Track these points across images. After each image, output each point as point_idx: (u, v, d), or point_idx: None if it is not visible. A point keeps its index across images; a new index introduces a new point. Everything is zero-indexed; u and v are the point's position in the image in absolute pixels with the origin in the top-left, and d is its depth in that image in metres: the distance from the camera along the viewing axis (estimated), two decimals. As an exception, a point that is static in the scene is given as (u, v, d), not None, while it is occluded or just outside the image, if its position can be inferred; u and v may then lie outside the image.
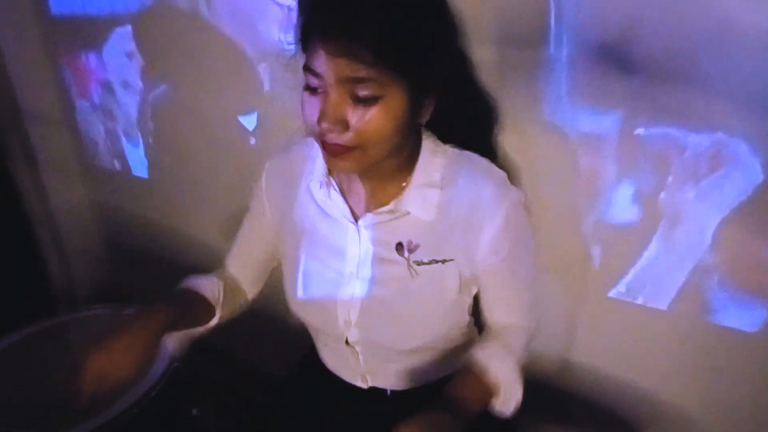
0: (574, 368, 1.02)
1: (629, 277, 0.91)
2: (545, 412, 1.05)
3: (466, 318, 0.77)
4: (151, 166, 1.63)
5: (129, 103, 1.56)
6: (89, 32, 1.52)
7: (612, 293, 0.93)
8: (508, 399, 0.69)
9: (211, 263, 0.97)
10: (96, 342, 0.64)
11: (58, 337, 1.06)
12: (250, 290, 0.88)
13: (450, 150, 0.71)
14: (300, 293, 0.77)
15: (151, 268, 1.79)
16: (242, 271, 0.86)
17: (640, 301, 0.91)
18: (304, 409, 0.88)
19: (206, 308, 0.79)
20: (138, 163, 1.66)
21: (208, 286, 0.80)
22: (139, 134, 1.60)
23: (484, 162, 0.71)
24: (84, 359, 0.62)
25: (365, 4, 0.55)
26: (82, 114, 1.70)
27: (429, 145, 0.70)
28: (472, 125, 0.77)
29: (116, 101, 1.59)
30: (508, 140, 0.82)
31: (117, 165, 1.73)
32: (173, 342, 0.77)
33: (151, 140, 1.59)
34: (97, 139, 1.72)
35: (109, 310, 1.11)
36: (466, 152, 0.72)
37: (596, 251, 0.93)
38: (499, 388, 0.68)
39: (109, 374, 0.63)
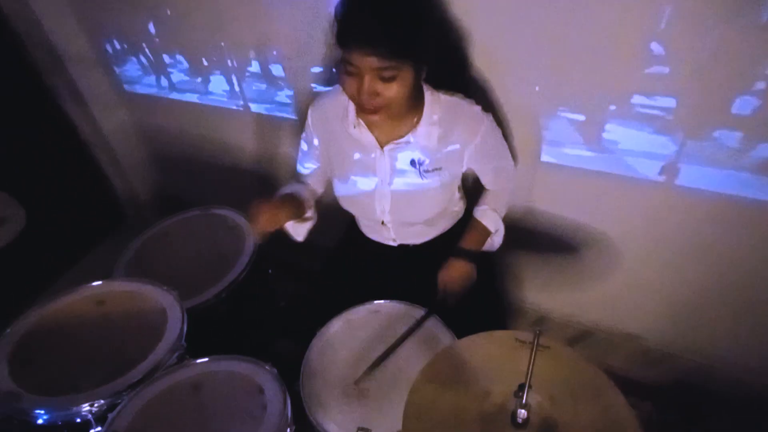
0: (536, 212, 1.49)
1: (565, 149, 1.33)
2: (517, 245, 1.54)
3: (457, 195, 1.27)
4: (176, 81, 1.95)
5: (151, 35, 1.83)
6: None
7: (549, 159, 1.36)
8: (495, 237, 1.26)
9: (241, 162, 1.40)
10: (264, 202, 1.11)
11: (171, 234, 1.57)
12: (318, 190, 1.34)
13: (443, 97, 1.10)
14: (348, 200, 1.25)
15: (193, 171, 2.24)
16: (312, 177, 1.30)
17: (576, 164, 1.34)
18: (353, 264, 1.41)
19: (305, 206, 1.26)
20: (164, 84, 1.99)
21: (305, 191, 1.27)
22: (163, 60, 1.90)
23: (465, 104, 1.11)
24: (257, 210, 1.09)
25: (384, 18, 0.91)
26: (112, 49, 1.98)
27: (429, 96, 1.09)
28: (454, 75, 1.17)
29: (141, 34, 1.85)
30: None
31: (147, 88, 2.05)
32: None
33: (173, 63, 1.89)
34: (128, 69, 2.02)
35: (199, 210, 1.59)
36: (454, 98, 1.11)
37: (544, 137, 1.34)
38: (490, 233, 1.25)
39: (273, 222, 1.11)
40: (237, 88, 1.80)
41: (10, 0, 1.79)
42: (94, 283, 1.18)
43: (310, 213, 1.29)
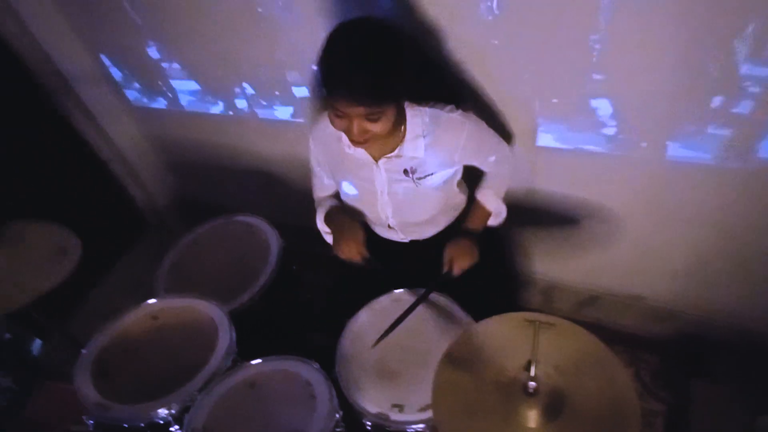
0: (537, 191, 1.61)
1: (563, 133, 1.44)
2: (523, 221, 1.69)
3: (455, 189, 1.38)
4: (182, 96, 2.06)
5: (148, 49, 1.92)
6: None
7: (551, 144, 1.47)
8: (498, 217, 1.42)
9: (252, 165, 1.66)
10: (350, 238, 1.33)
11: (200, 244, 1.73)
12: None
13: (423, 109, 1.21)
14: (353, 206, 1.41)
15: (207, 176, 2.39)
16: (326, 194, 1.47)
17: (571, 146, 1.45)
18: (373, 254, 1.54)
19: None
20: (172, 97, 2.10)
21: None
22: (165, 74, 2.00)
23: (443, 113, 1.22)
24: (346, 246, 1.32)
25: (367, 72, 1.01)
26: (114, 66, 2.09)
27: (410, 112, 1.20)
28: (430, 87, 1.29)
29: (139, 51, 1.95)
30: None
31: (155, 102, 2.17)
32: None
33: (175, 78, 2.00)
34: (132, 84, 2.14)
35: (223, 219, 1.74)
36: (434, 109, 1.22)
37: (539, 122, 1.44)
38: (491, 213, 1.40)
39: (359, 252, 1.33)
40: (244, 98, 1.90)
41: (10, 25, 1.87)
42: (149, 301, 1.37)
43: None
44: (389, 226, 1.41)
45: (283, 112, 1.88)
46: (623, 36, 1.18)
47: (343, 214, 1.42)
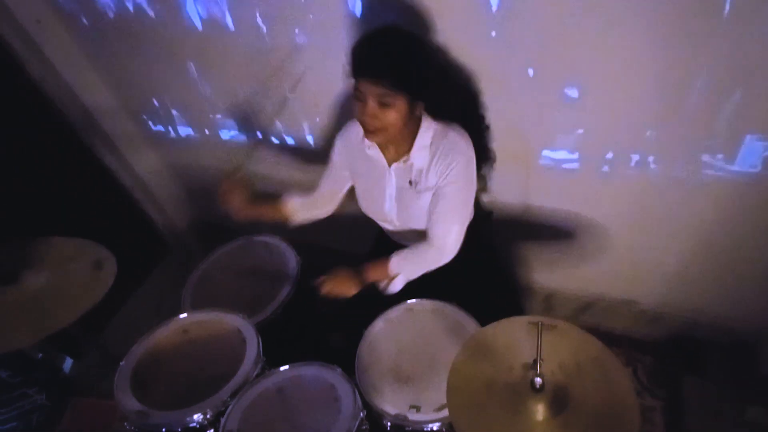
0: (533, 208, 1.68)
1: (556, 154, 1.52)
2: (522, 236, 1.76)
3: None
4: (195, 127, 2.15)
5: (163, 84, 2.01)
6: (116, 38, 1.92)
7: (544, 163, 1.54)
8: (392, 285, 1.38)
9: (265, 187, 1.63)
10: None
11: (223, 262, 1.78)
12: (330, 203, 1.55)
13: (435, 126, 1.30)
14: (367, 207, 1.48)
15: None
16: (324, 191, 1.53)
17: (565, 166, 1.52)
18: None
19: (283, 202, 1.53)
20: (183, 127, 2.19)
21: (290, 202, 1.52)
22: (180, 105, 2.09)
23: (452, 133, 1.29)
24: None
25: (386, 56, 1.12)
26: (134, 100, 2.17)
27: (425, 124, 1.29)
28: (449, 109, 1.35)
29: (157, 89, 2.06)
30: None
31: (171, 133, 2.25)
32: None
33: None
34: (152, 115, 2.22)
35: (242, 240, 1.81)
36: (447, 129, 1.29)
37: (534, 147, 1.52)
38: (392, 274, 1.37)
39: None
40: (255, 125, 1.97)
41: (39, 67, 1.96)
42: (180, 316, 1.41)
43: (290, 214, 1.55)
44: (392, 226, 1.48)
45: (297, 140, 1.96)
46: (607, 74, 1.26)
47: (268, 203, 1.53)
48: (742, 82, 1.15)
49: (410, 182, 1.35)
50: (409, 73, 1.14)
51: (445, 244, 1.33)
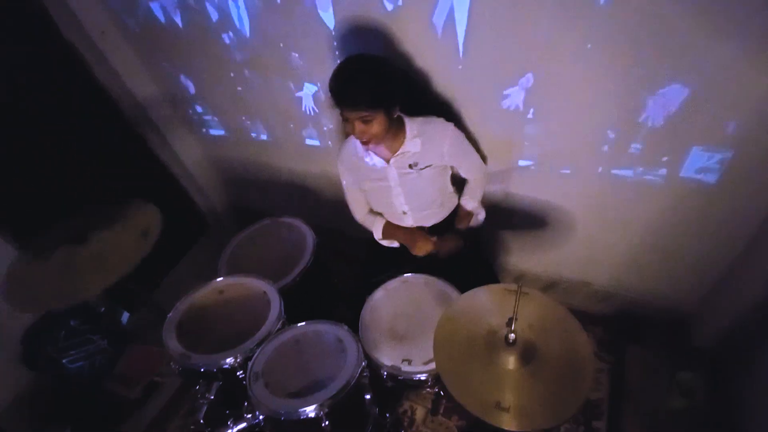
0: (513, 196, 1.65)
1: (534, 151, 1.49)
2: (499, 222, 1.73)
3: (450, 189, 1.46)
4: (232, 128, 2.13)
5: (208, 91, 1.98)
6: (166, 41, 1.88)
7: (524, 163, 1.53)
8: (478, 216, 1.48)
9: (289, 182, 1.67)
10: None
11: (254, 238, 1.77)
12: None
13: (417, 119, 1.32)
14: (375, 203, 1.48)
15: (256, 188, 2.42)
16: (365, 211, 1.54)
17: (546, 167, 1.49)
18: (385, 247, 1.60)
19: None
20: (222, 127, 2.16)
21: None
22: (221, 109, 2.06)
23: (432, 118, 1.32)
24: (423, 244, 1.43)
25: (357, 86, 1.13)
26: (180, 99, 2.13)
27: (407, 121, 1.30)
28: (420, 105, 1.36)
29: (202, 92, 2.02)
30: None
31: (214, 130, 2.21)
32: None
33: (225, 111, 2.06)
34: (196, 115, 2.18)
35: (270, 220, 1.79)
36: (424, 118, 1.32)
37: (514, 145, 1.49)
38: (473, 214, 1.45)
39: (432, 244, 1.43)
40: (285, 127, 1.96)
41: (101, 70, 1.94)
42: (217, 279, 1.41)
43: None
44: (403, 213, 1.47)
45: (314, 140, 1.94)
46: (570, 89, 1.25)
47: (398, 226, 1.52)
48: (690, 98, 1.13)
49: (410, 166, 1.35)
50: (380, 93, 1.17)
51: (481, 168, 1.46)
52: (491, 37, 1.24)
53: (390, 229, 1.52)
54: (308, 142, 1.95)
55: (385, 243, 1.55)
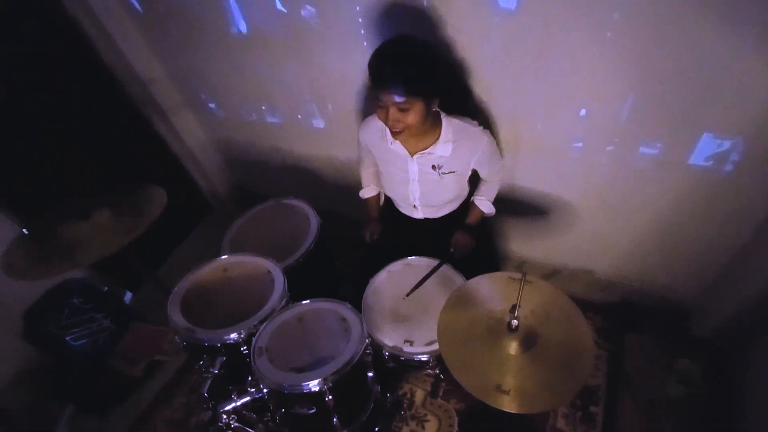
0: (517, 188, 1.65)
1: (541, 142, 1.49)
2: (505, 211, 1.70)
3: (466, 187, 1.45)
4: (237, 110, 2.10)
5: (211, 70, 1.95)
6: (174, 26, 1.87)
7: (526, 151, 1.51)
8: (489, 213, 1.46)
9: (291, 164, 1.67)
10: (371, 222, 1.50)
11: (257, 219, 1.77)
12: (378, 186, 1.57)
13: (454, 121, 1.27)
14: (388, 187, 1.47)
15: (258, 170, 2.42)
16: (373, 179, 1.54)
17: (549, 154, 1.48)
18: (390, 231, 1.62)
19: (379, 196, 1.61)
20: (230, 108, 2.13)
21: (376, 185, 1.57)
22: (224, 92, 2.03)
23: (470, 126, 1.27)
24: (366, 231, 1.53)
25: (400, 69, 1.08)
26: (184, 80, 2.12)
27: (444, 120, 1.26)
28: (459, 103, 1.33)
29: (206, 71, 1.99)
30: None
31: (217, 111, 2.19)
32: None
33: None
34: (202, 96, 2.16)
35: (273, 201, 1.79)
36: (463, 122, 1.27)
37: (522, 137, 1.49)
38: (484, 211, 1.44)
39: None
40: (291, 109, 1.93)
41: (106, 48, 1.93)
42: (221, 257, 1.41)
43: (381, 199, 1.61)
44: (414, 206, 1.47)
45: (318, 123, 1.92)
46: (591, 77, 1.22)
47: (371, 208, 1.61)
48: (704, 86, 1.12)
49: (433, 167, 1.32)
50: (422, 81, 1.11)
51: (501, 170, 1.44)
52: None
53: (371, 205, 1.61)
54: (314, 124, 1.94)
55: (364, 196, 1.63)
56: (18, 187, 1.78)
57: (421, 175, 1.35)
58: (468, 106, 1.45)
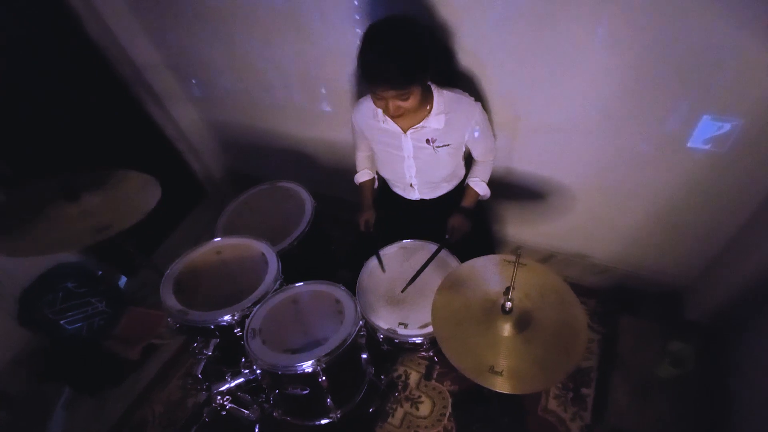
0: (514, 171, 1.64)
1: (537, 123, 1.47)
2: (501, 195, 1.71)
3: (461, 163, 1.43)
4: (230, 91, 2.05)
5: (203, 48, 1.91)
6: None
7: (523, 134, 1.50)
8: (484, 195, 1.44)
9: (286, 147, 1.63)
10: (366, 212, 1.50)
11: (250, 203, 1.75)
12: (373, 169, 1.56)
13: (446, 93, 1.24)
14: (384, 167, 1.44)
15: (253, 152, 2.38)
16: (367, 163, 1.52)
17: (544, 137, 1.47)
18: (386, 214, 1.59)
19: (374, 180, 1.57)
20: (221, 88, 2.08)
21: (370, 169, 1.55)
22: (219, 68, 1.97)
23: (463, 97, 1.25)
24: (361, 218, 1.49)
25: (395, 63, 1.04)
26: (177, 60, 2.05)
27: (436, 92, 1.23)
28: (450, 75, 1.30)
29: (199, 50, 1.93)
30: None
31: (211, 92, 2.14)
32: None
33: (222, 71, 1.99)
34: (192, 76, 2.11)
35: (268, 184, 1.77)
36: (455, 93, 1.24)
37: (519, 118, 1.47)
38: (479, 193, 1.42)
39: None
40: (285, 90, 1.89)
41: (94, 25, 1.87)
42: (215, 240, 1.40)
43: (375, 183, 1.58)
44: (411, 185, 1.45)
45: (314, 105, 1.88)
46: (594, 62, 1.20)
47: (366, 194, 1.58)
48: (698, 70, 1.10)
49: (427, 141, 1.30)
50: (418, 67, 1.08)
51: (493, 150, 1.42)
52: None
53: (366, 190, 1.57)
54: (308, 106, 1.90)
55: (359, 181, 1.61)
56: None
57: (415, 150, 1.33)
58: (465, 88, 1.39)
